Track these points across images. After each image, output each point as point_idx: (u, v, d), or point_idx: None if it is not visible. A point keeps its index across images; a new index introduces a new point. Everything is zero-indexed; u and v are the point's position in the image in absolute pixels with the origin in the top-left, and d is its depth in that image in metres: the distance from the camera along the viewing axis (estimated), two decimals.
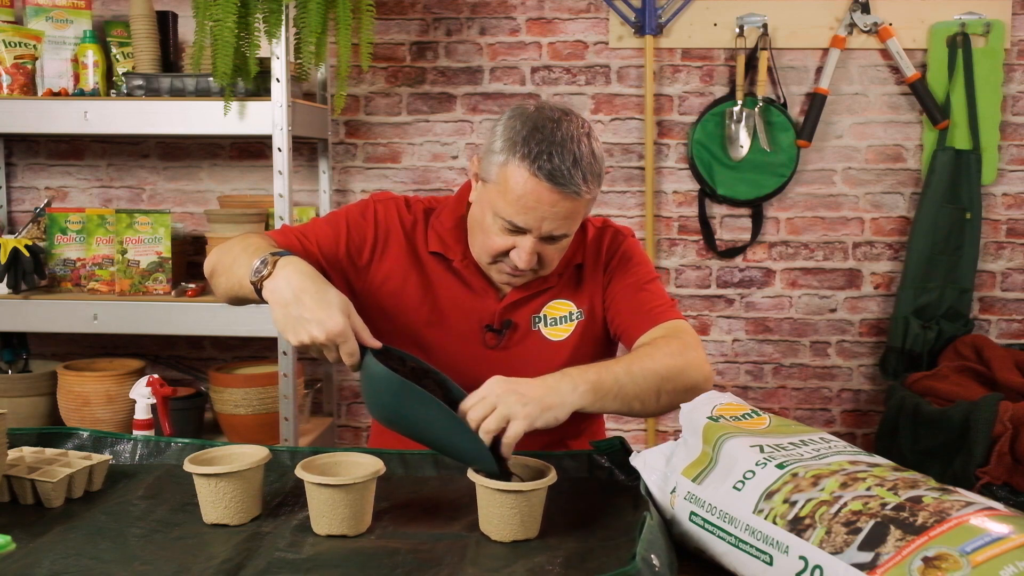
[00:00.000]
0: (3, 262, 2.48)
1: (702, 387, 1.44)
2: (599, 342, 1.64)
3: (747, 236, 2.93)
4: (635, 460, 1.31)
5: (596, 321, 1.63)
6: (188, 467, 1.23)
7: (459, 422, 1.20)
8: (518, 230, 1.45)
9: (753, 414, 1.23)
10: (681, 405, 1.27)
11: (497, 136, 1.45)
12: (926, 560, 0.88)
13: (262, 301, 1.35)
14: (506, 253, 1.49)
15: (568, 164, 1.39)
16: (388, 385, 1.20)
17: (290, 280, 1.30)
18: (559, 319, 1.60)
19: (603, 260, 1.63)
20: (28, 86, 2.59)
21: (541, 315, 1.60)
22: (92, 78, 2.63)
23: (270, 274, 1.33)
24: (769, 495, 1.04)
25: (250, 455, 1.27)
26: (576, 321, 1.61)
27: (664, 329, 1.52)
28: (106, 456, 1.38)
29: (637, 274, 1.61)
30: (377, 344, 1.28)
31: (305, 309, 1.26)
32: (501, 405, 1.23)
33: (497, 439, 1.23)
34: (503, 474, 1.21)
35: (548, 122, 1.42)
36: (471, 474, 1.20)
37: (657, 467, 1.25)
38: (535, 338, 1.59)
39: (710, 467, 1.15)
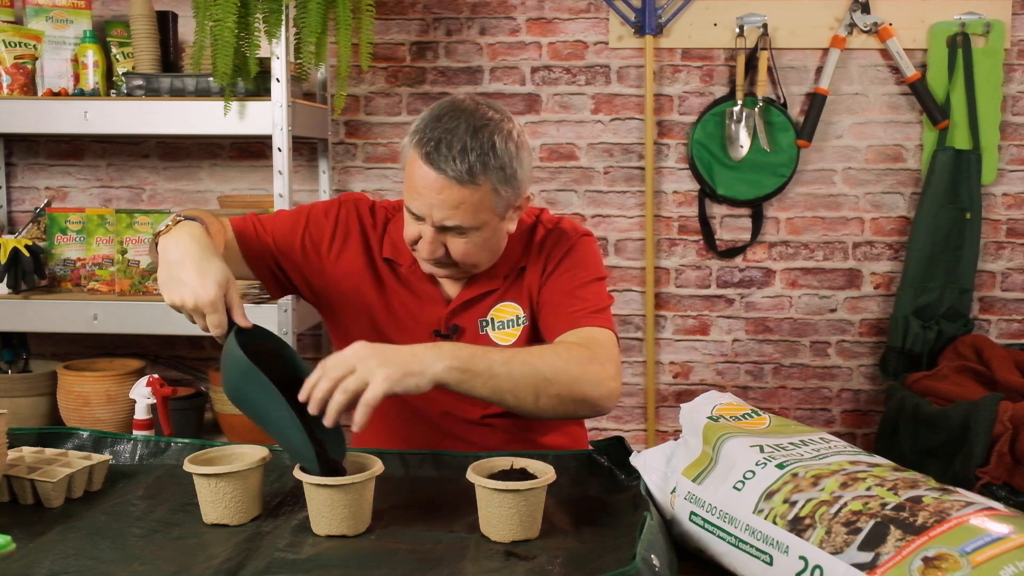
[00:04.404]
0: (3, 262, 2.48)
1: (599, 403, 1.40)
2: None
3: (747, 236, 2.93)
4: (635, 460, 1.31)
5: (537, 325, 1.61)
6: (188, 467, 1.23)
7: (294, 419, 1.18)
8: (420, 219, 1.45)
9: (753, 414, 1.23)
10: (681, 405, 1.27)
11: (411, 127, 1.48)
12: (926, 560, 0.88)
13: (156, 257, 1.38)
14: (417, 242, 1.49)
15: (455, 151, 1.40)
16: (236, 364, 1.21)
17: (180, 242, 1.33)
18: (507, 323, 1.59)
19: (542, 262, 1.60)
20: (28, 86, 2.59)
21: (488, 318, 1.59)
22: (92, 78, 2.62)
23: (168, 231, 1.37)
24: (769, 495, 1.04)
25: (250, 455, 1.27)
26: (522, 325, 1.59)
27: (579, 335, 1.48)
28: (106, 456, 1.38)
29: (574, 276, 1.57)
30: (247, 323, 1.29)
31: (184, 272, 1.29)
32: (360, 367, 1.21)
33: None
34: (331, 471, 1.19)
35: (455, 112, 1.44)
36: (471, 474, 1.20)
37: (657, 467, 1.25)
38: (483, 342, 1.57)
39: (710, 467, 1.15)
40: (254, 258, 1.62)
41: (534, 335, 1.59)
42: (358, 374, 1.21)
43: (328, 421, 1.20)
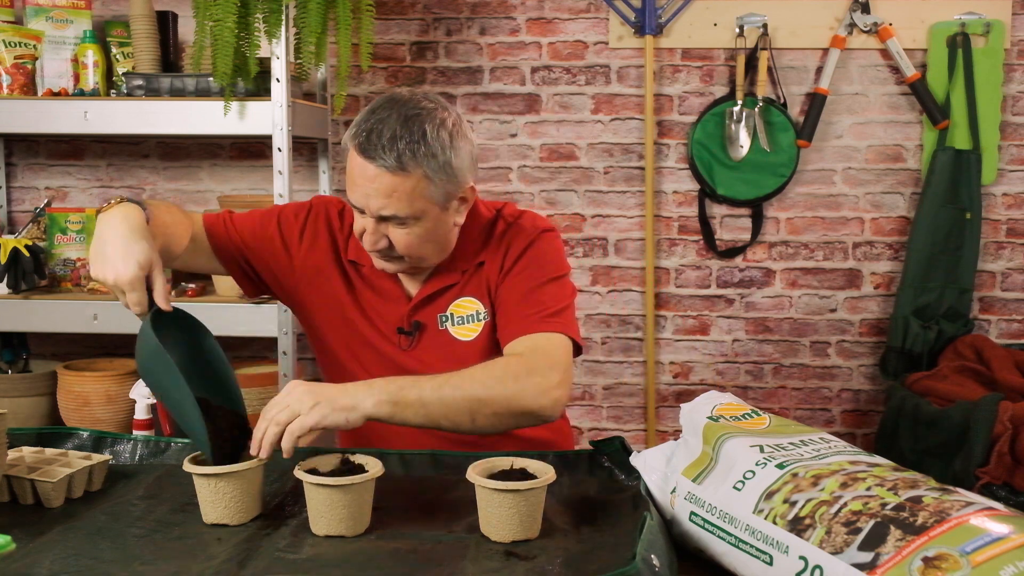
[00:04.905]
0: (3, 262, 2.48)
1: (541, 414, 1.42)
2: None
3: (747, 236, 2.93)
4: (635, 460, 1.31)
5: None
6: (188, 467, 1.23)
7: (193, 405, 1.24)
8: (362, 211, 1.48)
9: (753, 414, 1.24)
10: (681, 405, 1.27)
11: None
12: (926, 560, 0.88)
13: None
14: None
15: (384, 139, 1.42)
16: (146, 344, 1.27)
17: (112, 220, 1.37)
18: (466, 318, 1.60)
19: (500, 257, 1.59)
20: (28, 86, 2.59)
21: (448, 313, 1.60)
22: (92, 78, 2.62)
23: (107, 209, 1.40)
24: (769, 495, 1.04)
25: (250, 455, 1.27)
26: (483, 321, 1.59)
27: (526, 343, 1.49)
28: (106, 456, 1.38)
29: (530, 276, 1.56)
30: (166, 306, 1.33)
31: (110, 249, 1.33)
32: (294, 403, 1.27)
33: None
34: (224, 456, 1.25)
35: (388, 104, 1.47)
36: (471, 474, 1.20)
37: (657, 467, 1.25)
38: (444, 337, 1.59)
39: (710, 467, 1.15)
40: (223, 254, 1.66)
41: (495, 332, 1.59)
42: (291, 408, 1.26)
43: (263, 453, 1.25)
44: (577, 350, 1.54)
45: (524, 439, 1.60)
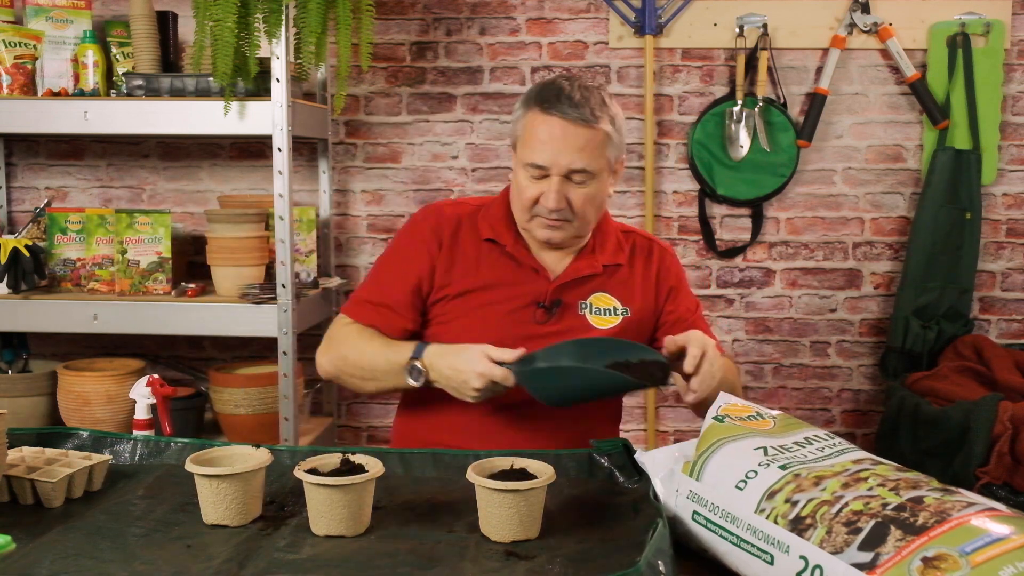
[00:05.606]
0: (3, 262, 2.48)
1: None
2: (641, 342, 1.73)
3: (747, 236, 2.93)
4: (643, 458, 1.30)
5: (644, 325, 1.76)
6: (190, 467, 1.23)
7: (599, 372, 1.48)
8: (543, 174, 1.61)
9: (758, 416, 1.24)
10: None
11: (517, 104, 1.69)
12: (926, 560, 0.88)
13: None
14: (538, 202, 1.63)
15: (576, 99, 1.59)
16: (531, 378, 1.50)
17: (439, 368, 1.58)
18: (603, 310, 1.72)
19: (654, 273, 1.78)
20: (28, 86, 2.59)
21: (588, 303, 1.72)
22: (92, 78, 2.62)
23: (427, 376, 1.60)
24: (771, 495, 1.05)
25: (251, 456, 1.27)
26: (622, 316, 1.73)
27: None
28: (106, 456, 1.38)
29: (688, 297, 1.85)
30: (514, 355, 1.52)
31: (459, 374, 1.54)
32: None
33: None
34: (663, 377, 1.51)
35: (560, 79, 1.65)
36: (471, 474, 1.20)
37: (665, 466, 1.25)
38: (581, 321, 1.71)
39: (703, 459, 1.14)
40: (412, 325, 1.73)
41: (632, 329, 1.73)
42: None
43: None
44: None
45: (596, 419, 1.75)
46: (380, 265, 1.80)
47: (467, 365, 1.53)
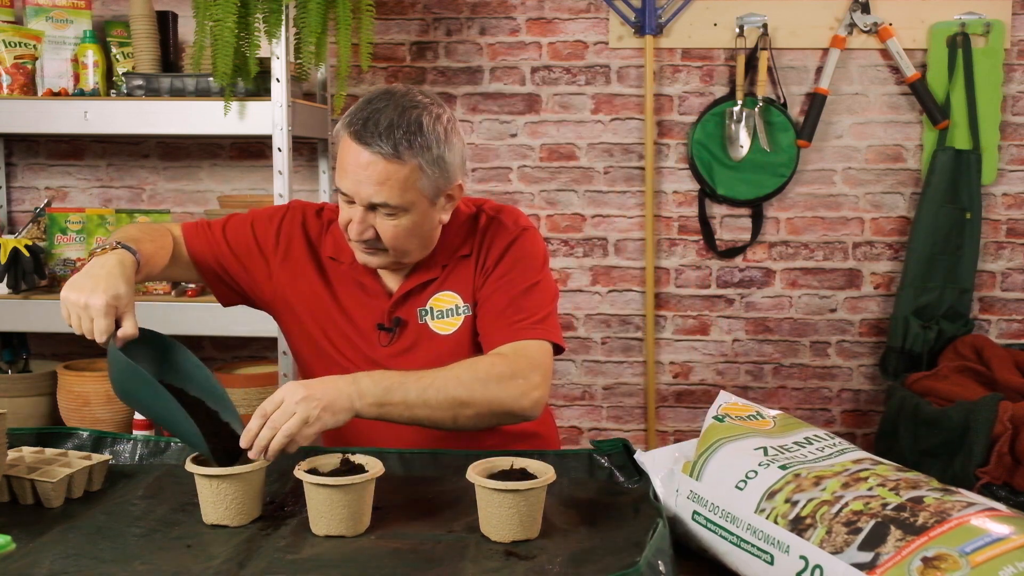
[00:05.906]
0: (3, 262, 2.48)
1: (522, 414, 1.46)
2: None
3: (747, 236, 2.93)
4: (644, 458, 1.30)
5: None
6: (190, 467, 1.23)
7: (179, 409, 1.26)
8: (350, 200, 1.48)
9: (758, 416, 1.24)
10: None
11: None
12: (925, 560, 0.88)
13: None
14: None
15: (381, 128, 1.43)
16: (117, 364, 1.30)
17: (107, 261, 1.41)
18: (445, 312, 1.60)
19: (483, 254, 1.60)
20: (28, 86, 2.59)
21: (428, 307, 1.60)
22: (92, 78, 2.62)
23: (101, 253, 1.44)
24: (771, 495, 1.05)
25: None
26: (463, 315, 1.60)
27: (510, 349, 1.50)
28: (106, 456, 1.38)
29: (515, 280, 1.57)
30: (130, 332, 1.36)
31: (91, 282, 1.36)
32: (291, 406, 1.27)
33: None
34: (226, 457, 1.27)
35: (385, 95, 1.48)
36: (471, 474, 1.20)
37: (665, 465, 1.25)
38: (424, 332, 1.59)
39: (703, 459, 1.14)
40: (200, 263, 1.66)
41: (475, 324, 1.60)
42: (286, 410, 1.27)
43: (268, 455, 1.26)
44: (558, 349, 1.57)
45: (510, 433, 1.61)
46: (231, 216, 1.72)
47: (102, 290, 1.35)
